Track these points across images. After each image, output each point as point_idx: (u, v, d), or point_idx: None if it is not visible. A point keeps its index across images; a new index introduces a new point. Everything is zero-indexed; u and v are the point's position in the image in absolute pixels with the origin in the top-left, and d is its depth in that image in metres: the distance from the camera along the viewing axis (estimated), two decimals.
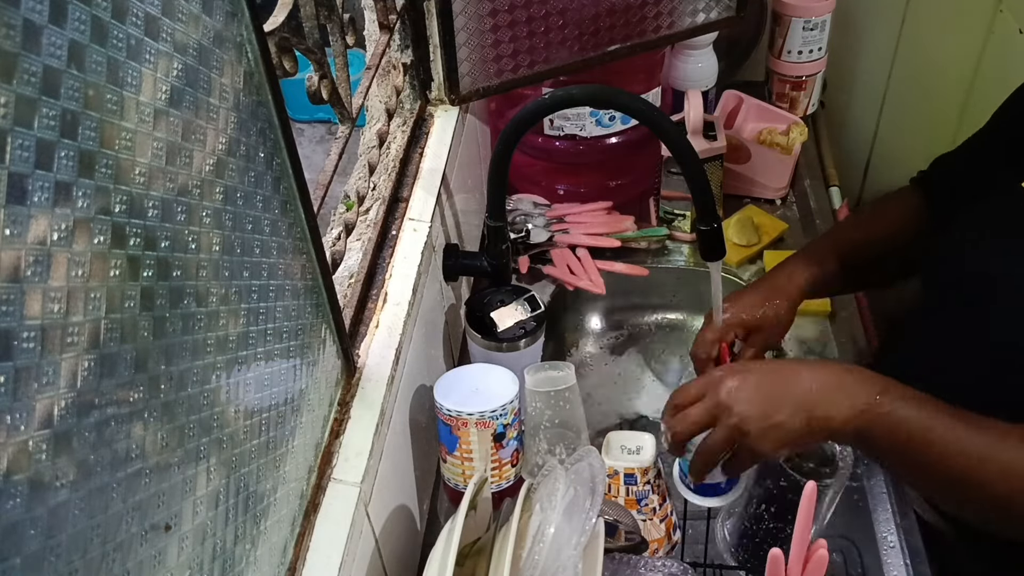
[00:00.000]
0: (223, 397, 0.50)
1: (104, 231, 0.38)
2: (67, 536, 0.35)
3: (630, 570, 0.77)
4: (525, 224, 1.19)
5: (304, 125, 1.55)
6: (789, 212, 1.31)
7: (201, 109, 0.46)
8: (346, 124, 0.81)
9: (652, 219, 1.29)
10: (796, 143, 1.34)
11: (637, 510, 0.82)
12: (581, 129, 1.22)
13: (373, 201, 0.90)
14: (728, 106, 1.39)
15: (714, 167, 1.19)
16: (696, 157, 0.84)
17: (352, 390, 0.73)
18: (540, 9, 1.02)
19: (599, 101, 1.00)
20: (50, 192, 0.34)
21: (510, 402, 0.81)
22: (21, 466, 0.33)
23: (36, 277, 0.33)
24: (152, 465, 0.42)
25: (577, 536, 0.65)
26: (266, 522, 0.57)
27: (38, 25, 0.33)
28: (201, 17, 0.46)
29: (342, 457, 0.68)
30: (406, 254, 0.87)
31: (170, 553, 0.44)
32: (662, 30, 1.13)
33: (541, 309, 0.95)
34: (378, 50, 0.93)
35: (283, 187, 0.57)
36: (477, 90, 1.04)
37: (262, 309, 0.55)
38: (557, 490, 0.68)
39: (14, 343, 0.32)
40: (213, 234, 0.48)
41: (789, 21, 1.36)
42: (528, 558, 0.64)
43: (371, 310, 0.81)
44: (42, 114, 0.33)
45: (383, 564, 0.74)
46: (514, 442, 0.83)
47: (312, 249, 0.63)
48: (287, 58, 0.65)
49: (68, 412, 0.35)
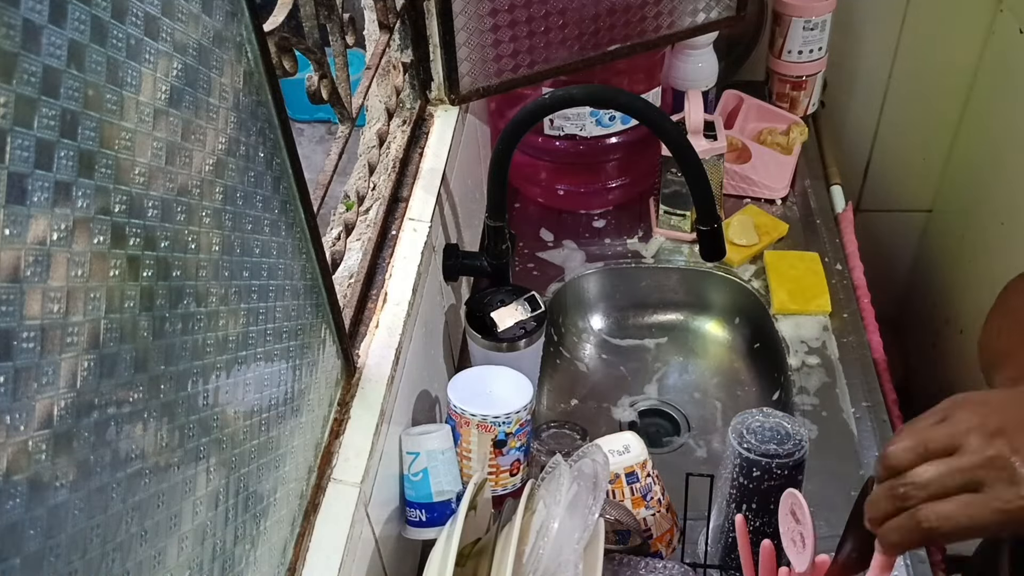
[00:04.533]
0: (223, 397, 0.50)
1: (104, 231, 0.37)
2: (67, 536, 0.35)
3: (630, 571, 0.77)
4: None
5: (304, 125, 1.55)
6: (789, 212, 1.31)
7: (201, 109, 0.46)
8: (346, 124, 0.81)
9: (652, 219, 1.29)
10: (796, 143, 1.34)
11: (645, 506, 0.82)
12: (581, 129, 1.22)
13: (373, 201, 0.90)
14: (728, 106, 1.39)
15: (714, 167, 1.19)
16: (696, 157, 0.84)
17: (352, 390, 0.73)
18: (540, 9, 1.02)
19: (599, 101, 1.00)
20: (50, 192, 0.34)
21: (515, 412, 0.80)
22: (21, 466, 0.33)
23: (36, 277, 0.33)
24: (152, 465, 0.42)
25: (579, 533, 0.65)
26: (266, 522, 0.57)
27: (38, 25, 0.33)
28: (201, 17, 0.46)
29: (342, 457, 0.68)
30: (406, 254, 0.86)
31: (170, 553, 0.44)
32: (662, 30, 1.13)
33: (541, 309, 0.95)
34: (378, 50, 0.93)
35: (283, 187, 0.57)
36: (477, 90, 1.04)
37: (262, 309, 0.55)
38: (562, 485, 0.68)
39: (14, 343, 0.32)
40: (213, 234, 0.48)
41: (789, 21, 1.36)
42: (531, 554, 0.64)
43: (371, 310, 0.81)
44: (42, 114, 0.33)
45: (383, 564, 0.74)
46: (516, 452, 0.82)
47: (312, 249, 0.63)
48: (287, 58, 0.65)
49: (68, 412, 0.35)
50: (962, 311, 1.57)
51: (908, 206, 1.74)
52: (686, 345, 1.25)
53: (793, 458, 0.75)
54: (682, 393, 1.19)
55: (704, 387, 1.20)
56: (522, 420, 0.81)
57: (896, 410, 1.06)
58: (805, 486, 0.78)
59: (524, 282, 1.02)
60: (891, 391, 1.08)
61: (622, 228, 1.31)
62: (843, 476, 0.96)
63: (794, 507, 0.69)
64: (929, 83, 1.55)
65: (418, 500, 0.77)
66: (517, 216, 1.34)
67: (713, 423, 1.15)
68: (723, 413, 1.16)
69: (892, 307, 1.79)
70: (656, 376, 1.21)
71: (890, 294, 1.76)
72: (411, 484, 0.77)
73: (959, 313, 1.59)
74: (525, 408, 0.80)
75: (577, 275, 1.25)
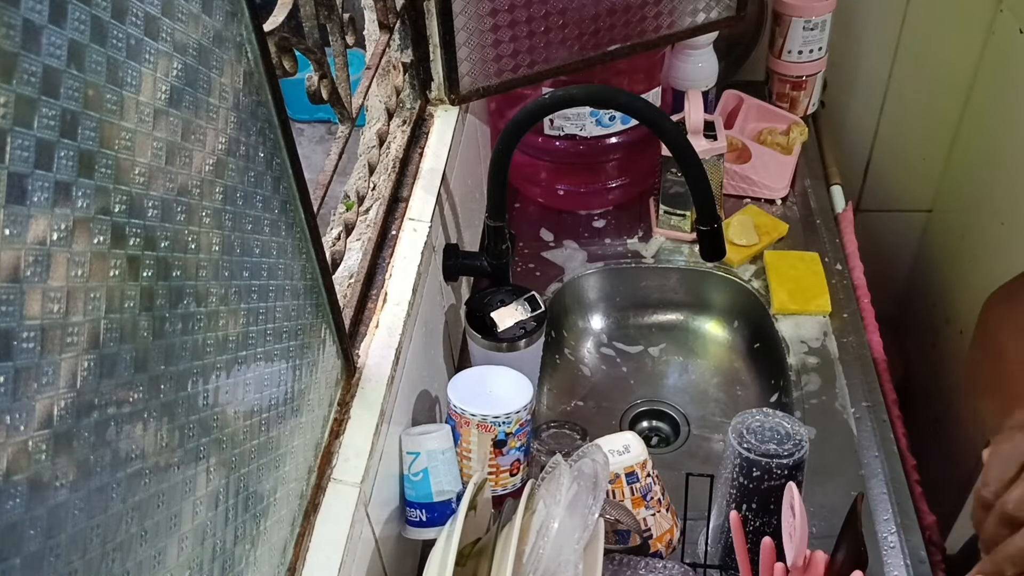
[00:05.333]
0: (223, 397, 0.50)
1: (104, 231, 0.37)
2: (67, 536, 0.35)
3: (630, 571, 0.77)
4: None
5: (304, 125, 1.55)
6: (789, 212, 1.31)
7: (201, 109, 0.46)
8: (346, 124, 0.81)
9: (652, 219, 1.29)
10: (796, 143, 1.34)
11: (645, 506, 0.82)
12: (581, 129, 1.22)
13: (373, 201, 0.90)
14: (728, 106, 1.39)
15: (714, 167, 1.19)
16: (696, 157, 0.84)
17: (352, 390, 0.73)
18: (540, 9, 1.02)
19: (599, 101, 1.00)
20: (50, 192, 0.34)
21: (515, 412, 0.80)
22: (21, 466, 0.33)
23: (36, 277, 0.33)
24: (152, 465, 0.42)
25: (579, 533, 0.65)
26: (266, 522, 0.57)
27: (38, 25, 0.33)
28: (201, 17, 0.46)
29: (342, 457, 0.68)
30: (406, 254, 0.86)
31: (170, 553, 0.44)
32: (662, 30, 1.13)
33: (541, 309, 0.95)
34: (378, 50, 0.93)
35: (283, 187, 0.57)
36: (477, 90, 1.04)
37: (262, 309, 0.55)
38: (562, 485, 0.68)
39: (14, 343, 0.32)
40: (213, 234, 0.48)
41: (789, 21, 1.36)
42: (531, 554, 0.64)
43: (371, 310, 0.81)
44: (42, 114, 0.33)
45: (383, 564, 0.74)
46: (516, 452, 0.82)
47: (312, 249, 0.63)
48: (287, 58, 0.65)
49: (68, 412, 0.35)
50: (962, 311, 1.57)
51: (908, 206, 1.74)
52: (686, 345, 1.25)
53: (793, 458, 0.75)
54: (682, 393, 1.19)
55: (704, 387, 1.20)
56: (522, 420, 0.81)
57: (896, 410, 1.06)
58: (805, 485, 0.78)
59: (524, 282, 1.02)
60: (891, 391, 1.08)
61: (622, 228, 1.31)
62: (843, 476, 0.96)
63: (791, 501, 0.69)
64: (929, 83, 1.55)
65: (418, 500, 0.77)
66: (517, 216, 1.34)
67: (713, 423, 1.15)
68: (723, 413, 1.16)
69: (892, 307, 1.79)
70: (656, 376, 1.21)
71: (890, 294, 1.76)
72: (411, 484, 0.77)
73: (959, 313, 1.58)
74: (525, 408, 0.80)
75: (577, 275, 1.25)
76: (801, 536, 0.68)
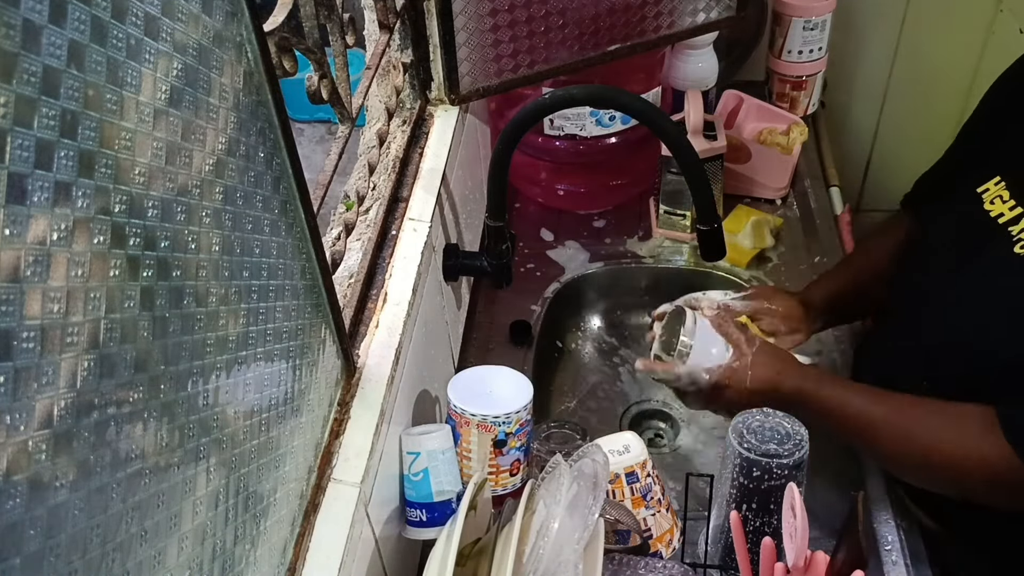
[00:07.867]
0: (223, 397, 0.50)
1: (104, 231, 0.37)
2: (67, 536, 0.35)
3: (630, 571, 0.77)
4: None
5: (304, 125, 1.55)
6: (789, 212, 1.31)
7: (201, 109, 0.46)
8: (346, 124, 0.81)
9: (652, 219, 1.29)
10: (796, 143, 1.34)
11: (645, 506, 0.82)
12: (581, 129, 1.22)
13: (373, 201, 0.90)
14: (728, 106, 1.39)
15: (714, 167, 1.19)
16: (696, 157, 0.84)
17: (352, 390, 0.73)
18: (540, 9, 1.02)
19: (599, 101, 1.00)
20: (50, 192, 0.34)
21: (515, 412, 0.80)
22: (21, 466, 0.33)
23: (36, 277, 0.33)
24: (152, 465, 0.42)
25: (579, 532, 0.65)
26: (266, 522, 0.57)
27: (38, 25, 0.33)
28: (201, 17, 0.46)
29: (342, 457, 0.68)
30: (406, 254, 0.86)
31: (170, 553, 0.44)
32: (662, 30, 1.13)
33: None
34: (378, 50, 0.93)
35: (283, 187, 0.57)
36: (477, 90, 1.04)
37: (262, 309, 0.55)
38: (562, 485, 0.68)
39: (14, 343, 0.32)
40: (213, 234, 0.48)
41: (789, 21, 1.36)
42: (532, 554, 0.64)
43: (371, 310, 0.81)
44: (42, 114, 0.33)
45: (383, 564, 0.74)
46: (516, 452, 0.82)
47: (312, 249, 0.63)
48: (287, 58, 0.65)
49: (68, 412, 0.35)
50: None
51: None
52: None
53: (793, 458, 0.75)
54: None
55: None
56: (522, 420, 0.81)
57: None
58: (805, 486, 0.78)
59: (524, 282, 1.02)
60: None
61: (622, 228, 1.31)
62: (843, 476, 0.96)
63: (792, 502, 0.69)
64: (929, 83, 1.55)
65: (418, 500, 0.77)
66: (517, 216, 1.34)
67: (713, 423, 1.15)
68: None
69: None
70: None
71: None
72: (411, 484, 0.77)
73: None
74: (525, 408, 0.80)
75: (577, 275, 1.25)
76: (802, 537, 0.68)
